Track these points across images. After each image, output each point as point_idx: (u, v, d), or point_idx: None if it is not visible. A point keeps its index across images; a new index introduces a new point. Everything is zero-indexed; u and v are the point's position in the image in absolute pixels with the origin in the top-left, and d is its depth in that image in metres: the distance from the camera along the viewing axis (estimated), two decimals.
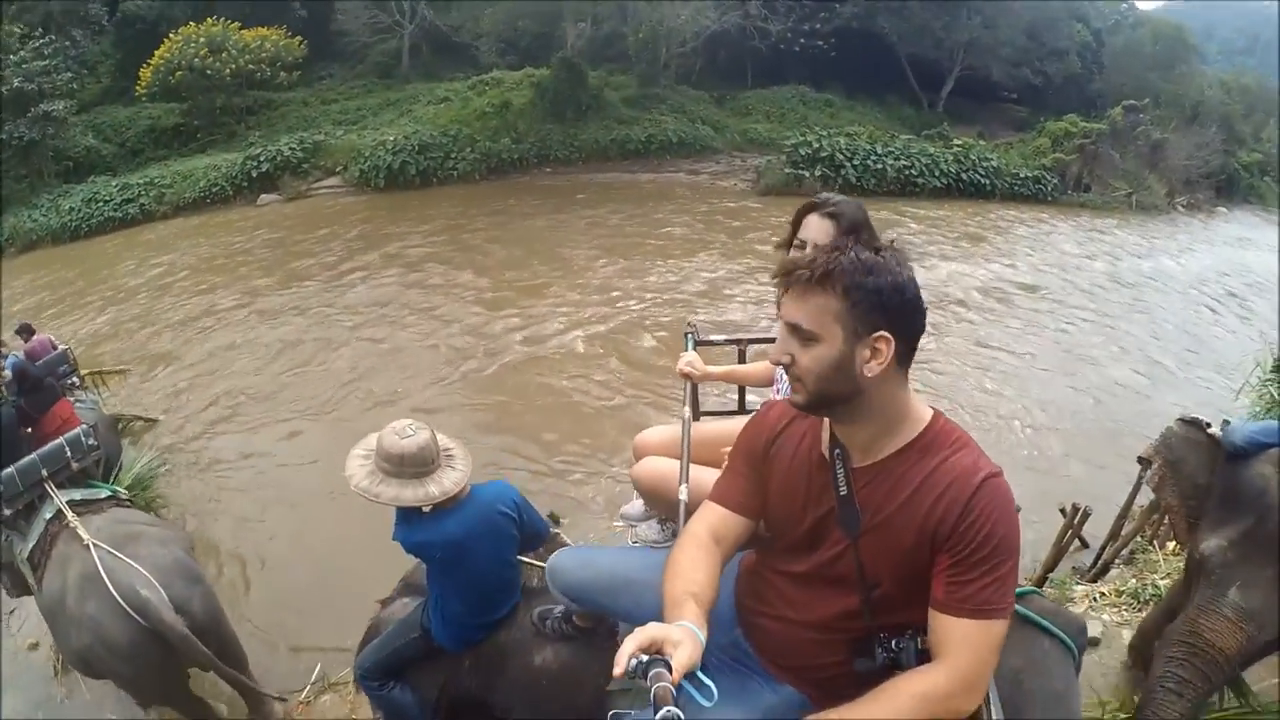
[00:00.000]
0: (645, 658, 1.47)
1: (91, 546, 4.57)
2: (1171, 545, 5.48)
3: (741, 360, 3.58)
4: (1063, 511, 6.14)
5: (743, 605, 2.07)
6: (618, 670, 1.47)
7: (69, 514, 4.94)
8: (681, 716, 1.37)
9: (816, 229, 2.64)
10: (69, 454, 5.32)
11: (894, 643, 1.75)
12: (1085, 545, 6.49)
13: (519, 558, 3.28)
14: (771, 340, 2.96)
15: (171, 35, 27.43)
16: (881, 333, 1.62)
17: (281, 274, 16.95)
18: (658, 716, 1.35)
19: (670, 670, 1.44)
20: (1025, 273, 17.38)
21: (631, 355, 11.97)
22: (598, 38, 29.43)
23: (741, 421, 2.47)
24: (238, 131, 28.36)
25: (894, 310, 1.63)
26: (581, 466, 8.88)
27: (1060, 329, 13.92)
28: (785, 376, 2.64)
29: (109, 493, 5.51)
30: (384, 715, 3.37)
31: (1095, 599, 4.95)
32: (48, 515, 5.03)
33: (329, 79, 33.03)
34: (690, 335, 3.45)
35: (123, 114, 30.00)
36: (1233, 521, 3.16)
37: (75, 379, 9.16)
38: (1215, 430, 3.43)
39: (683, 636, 1.53)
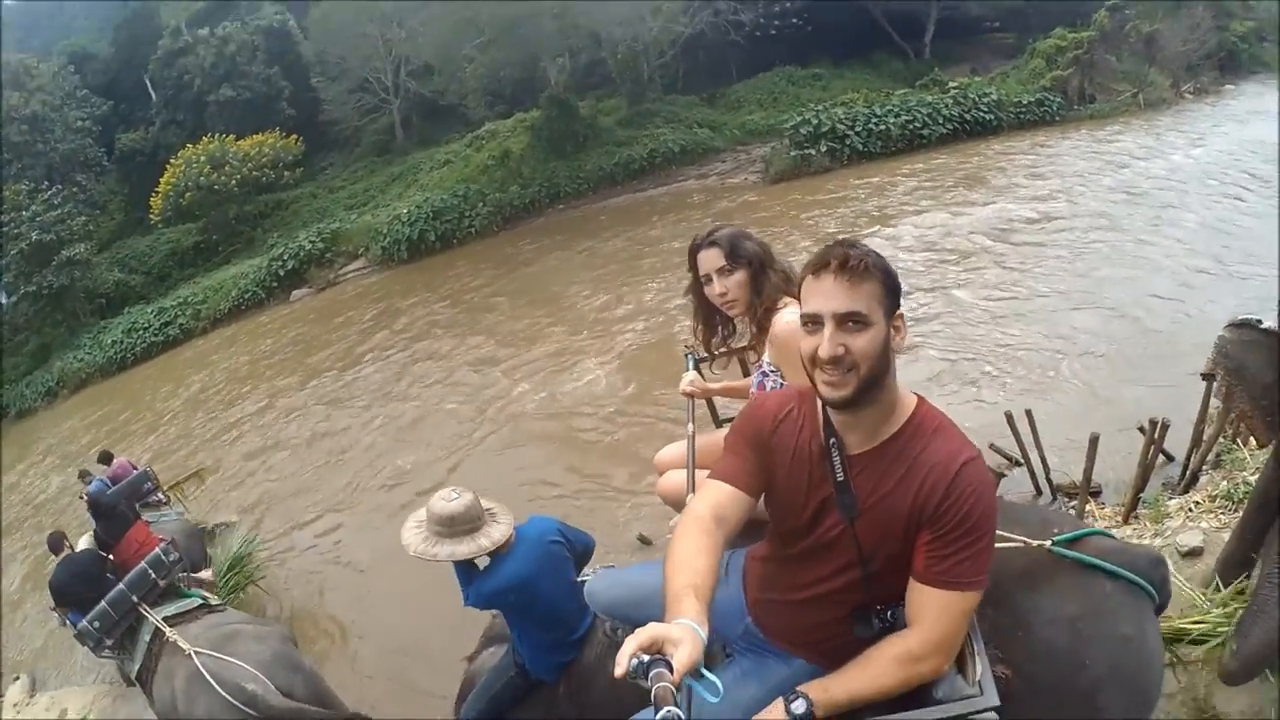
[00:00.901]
0: (646, 658, 1.47)
1: (193, 654, 4.80)
2: (1256, 440, 5.45)
3: (744, 365, 3.78)
4: (1141, 430, 6.06)
5: (751, 593, 2.24)
6: (618, 671, 1.47)
7: (166, 630, 5.21)
8: (682, 716, 1.37)
9: (708, 259, 2.87)
10: (153, 575, 5.64)
11: (889, 613, 1.94)
12: (1170, 459, 6.39)
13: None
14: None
15: (173, 160, 28.33)
16: (900, 311, 1.84)
17: (301, 371, 17.22)
18: (658, 716, 1.37)
19: (671, 670, 1.45)
20: (1031, 203, 16.74)
21: (653, 383, 11.65)
22: (578, 69, 29.68)
23: None
24: (256, 237, 29.06)
25: (900, 292, 1.85)
26: (619, 499, 8.90)
27: (1079, 254, 13.30)
28: (766, 382, 2.85)
29: (200, 600, 5.79)
30: None
31: (1190, 509, 4.84)
32: (147, 636, 5.34)
33: (330, 168, 33.76)
34: (690, 355, 3.63)
35: (142, 244, 30.97)
36: None
37: (160, 495, 9.54)
38: (1270, 323, 3.41)
39: (683, 635, 1.52)
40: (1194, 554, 4.27)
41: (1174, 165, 18.44)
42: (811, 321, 1.81)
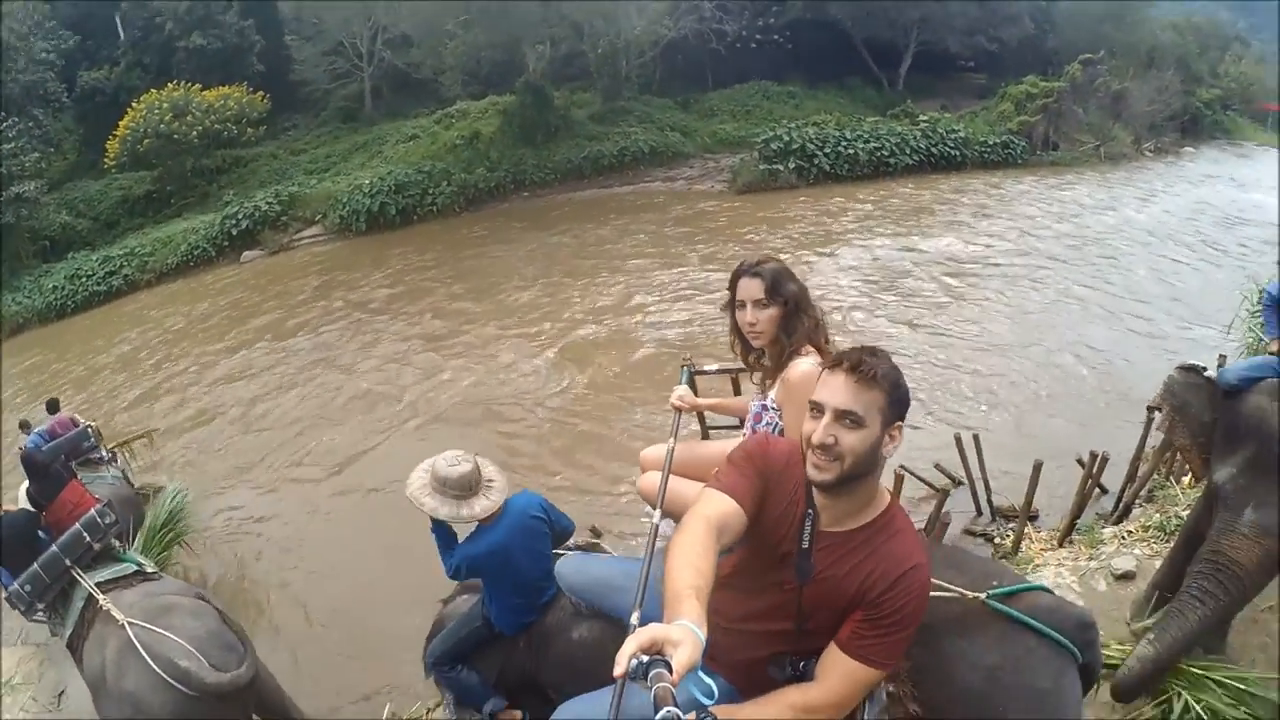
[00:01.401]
0: (646, 658, 1.50)
1: (126, 625, 4.65)
2: (1187, 479, 5.84)
3: (736, 386, 3.98)
4: (1080, 462, 6.42)
5: None
6: (618, 670, 1.51)
7: (99, 596, 5.01)
8: (681, 716, 1.39)
9: (748, 288, 3.00)
10: (87, 538, 5.35)
11: (801, 663, 2.15)
12: (1105, 491, 6.77)
13: (555, 550, 3.75)
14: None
15: (134, 104, 27.36)
16: (899, 423, 2.06)
17: (237, 336, 16.87)
18: (658, 717, 1.39)
19: (670, 670, 1.48)
20: (978, 240, 17.28)
21: (582, 386, 11.82)
22: (558, 58, 29.47)
23: (739, 440, 2.80)
24: (211, 192, 28.18)
25: (905, 407, 2.07)
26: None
27: (1021, 293, 13.78)
28: (764, 415, 3.06)
29: (136, 566, 5.55)
30: (453, 695, 3.82)
31: (1124, 537, 5.30)
32: (80, 602, 5.12)
33: (294, 129, 32.99)
34: (686, 368, 3.79)
35: (94, 187, 29.89)
36: (1238, 450, 3.54)
37: (102, 453, 9.15)
38: (1211, 372, 3.86)
39: (682, 636, 1.55)
40: (1127, 577, 4.73)
41: (1124, 219, 19.04)
42: (815, 409, 2.05)
